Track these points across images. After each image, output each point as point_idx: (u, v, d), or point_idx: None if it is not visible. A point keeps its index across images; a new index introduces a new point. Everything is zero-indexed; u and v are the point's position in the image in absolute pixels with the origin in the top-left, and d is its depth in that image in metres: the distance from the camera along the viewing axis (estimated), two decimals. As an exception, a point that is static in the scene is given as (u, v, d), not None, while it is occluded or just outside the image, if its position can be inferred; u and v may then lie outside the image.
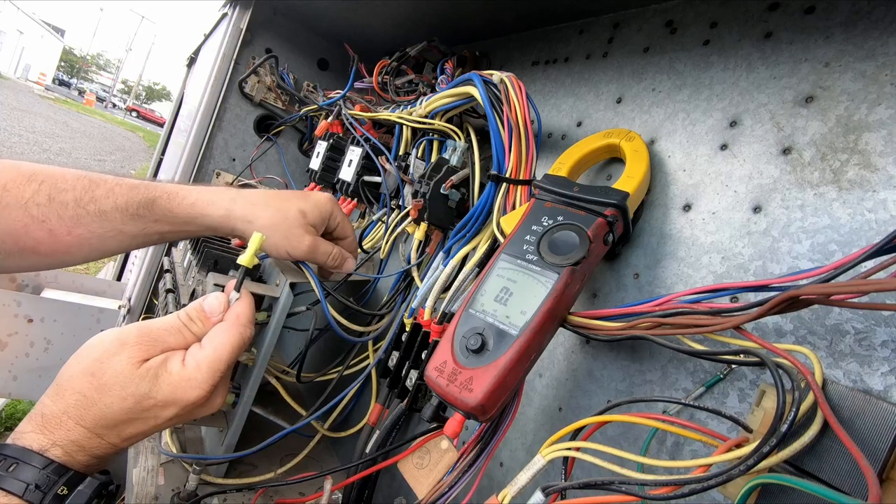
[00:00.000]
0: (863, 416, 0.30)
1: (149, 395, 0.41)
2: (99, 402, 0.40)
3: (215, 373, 0.43)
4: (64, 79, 39.50)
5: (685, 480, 0.30)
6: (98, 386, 0.40)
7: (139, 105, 37.61)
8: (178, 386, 0.42)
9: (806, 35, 0.43)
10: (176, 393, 0.42)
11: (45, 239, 0.51)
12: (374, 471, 0.66)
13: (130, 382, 0.40)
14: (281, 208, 0.60)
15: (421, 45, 0.85)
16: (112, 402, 0.40)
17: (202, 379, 0.43)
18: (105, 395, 0.40)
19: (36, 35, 30.29)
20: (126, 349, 0.41)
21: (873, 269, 0.29)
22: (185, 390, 0.42)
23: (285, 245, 0.60)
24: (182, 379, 0.42)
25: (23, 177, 0.51)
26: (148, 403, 0.41)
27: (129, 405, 0.40)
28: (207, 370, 0.43)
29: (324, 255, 0.63)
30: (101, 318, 1.41)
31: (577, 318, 0.43)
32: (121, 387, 0.40)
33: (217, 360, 0.44)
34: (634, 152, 0.50)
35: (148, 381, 0.41)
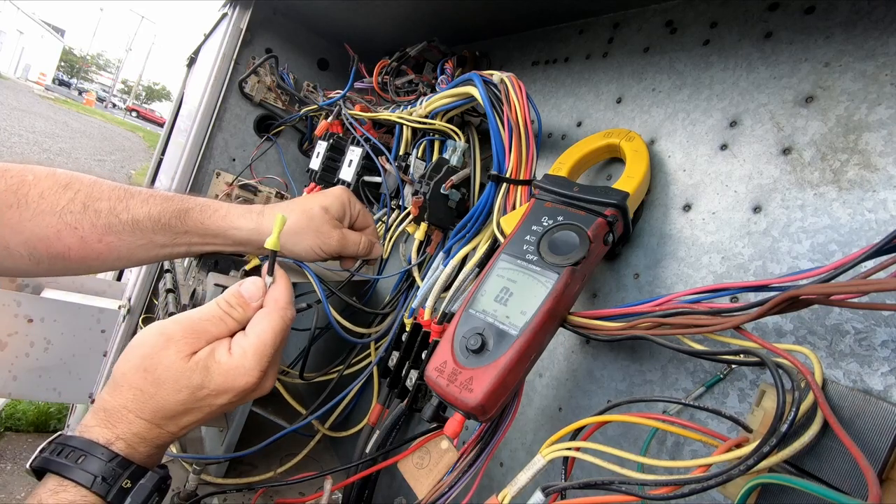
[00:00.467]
0: (863, 416, 0.30)
1: (202, 385, 0.42)
2: (155, 395, 0.41)
3: (262, 358, 0.44)
4: (64, 79, 39.50)
5: (685, 480, 0.30)
6: (153, 380, 0.41)
7: (139, 105, 37.61)
8: (228, 374, 0.43)
9: (806, 35, 0.43)
10: (227, 381, 0.43)
11: (76, 245, 0.52)
12: (374, 471, 0.66)
13: (182, 376, 0.42)
14: (305, 210, 0.62)
15: (421, 45, 0.85)
16: (168, 395, 0.41)
17: (250, 366, 0.44)
18: (160, 388, 0.41)
19: (36, 35, 30.29)
20: (173, 344, 0.42)
21: (873, 269, 0.29)
22: (235, 378, 0.43)
23: (318, 243, 0.61)
24: (231, 367, 0.43)
25: (59, 185, 0.52)
26: (202, 394, 0.42)
27: (183, 397, 0.42)
28: (254, 356, 0.44)
29: (354, 245, 0.64)
30: (101, 318, 1.41)
31: (577, 318, 0.43)
32: (174, 380, 0.41)
33: (262, 345, 0.45)
34: (634, 152, 0.50)
35: (199, 373, 0.42)
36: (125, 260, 0.56)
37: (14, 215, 0.50)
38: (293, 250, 0.61)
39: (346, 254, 0.65)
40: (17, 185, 0.50)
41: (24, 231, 0.50)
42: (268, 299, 0.48)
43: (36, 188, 0.51)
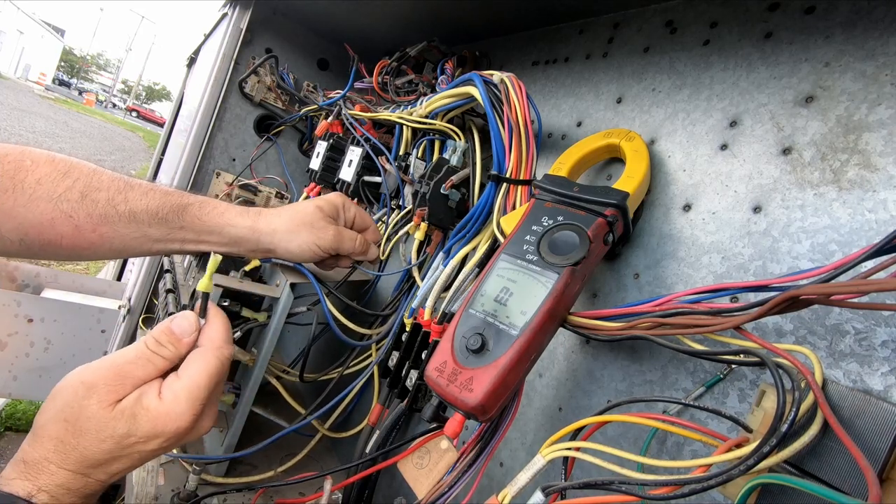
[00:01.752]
0: (863, 416, 0.30)
1: (128, 434, 0.39)
2: (77, 446, 0.39)
3: (195, 401, 0.42)
4: (64, 79, 39.48)
5: (685, 480, 0.30)
6: (74, 431, 0.39)
7: (139, 105, 37.60)
8: (157, 421, 0.40)
9: (806, 35, 0.43)
10: (157, 428, 0.40)
11: (69, 234, 0.52)
12: (374, 471, 0.66)
13: (106, 426, 0.39)
14: (298, 210, 0.63)
15: (421, 45, 0.85)
16: (91, 445, 0.39)
17: (182, 410, 0.41)
18: (82, 439, 0.39)
19: (36, 35, 30.28)
20: (94, 392, 0.39)
21: (873, 269, 0.29)
22: (165, 424, 0.40)
23: (313, 239, 0.62)
24: (161, 413, 0.40)
25: (58, 172, 0.51)
26: (129, 441, 0.40)
27: (108, 446, 0.39)
28: (187, 400, 0.41)
29: (350, 241, 0.65)
30: (101, 318, 1.41)
31: (577, 318, 0.43)
32: (96, 431, 0.39)
33: (195, 387, 0.42)
34: (634, 152, 0.50)
35: (125, 422, 0.39)
36: (117, 252, 0.56)
37: (8, 200, 0.49)
38: (288, 248, 0.61)
39: (342, 250, 0.65)
40: (13, 169, 0.49)
41: (17, 217, 0.49)
42: (202, 338, 0.45)
43: (34, 174, 0.50)
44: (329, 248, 0.63)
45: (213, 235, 0.59)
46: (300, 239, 0.61)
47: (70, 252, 0.53)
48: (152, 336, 0.44)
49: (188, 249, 0.60)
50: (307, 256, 0.63)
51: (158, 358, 0.43)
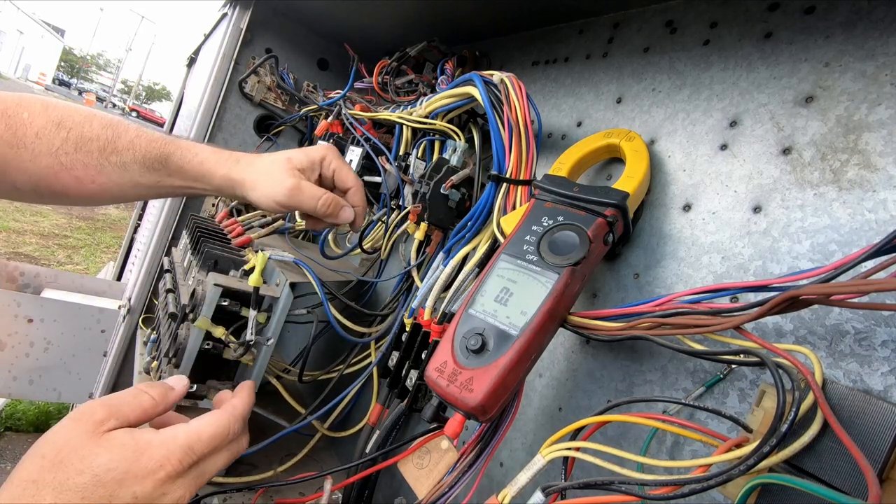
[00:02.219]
0: (863, 416, 0.30)
1: (108, 467, 0.36)
2: (52, 482, 0.34)
3: (190, 450, 0.39)
4: (64, 79, 39.47)
5: (685, 480, 0.30)
6: (51, 465, 0.35)
7: (139, 105, 37.61)
8: (144, 452, 0.37)
9: (806, 35, 0.43)
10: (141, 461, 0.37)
11: (73, 184, 0.55)
12: (374, 471, 0.66)
13: (88, 454, 0.36)
14: (272, 160, 0.60)
15: (421, 45, 0.85)
16: (66, 479, 0.35)
17: (174, 448, 0.38)
18: (58, 473, 0.35)
19: (36, 35, 30.28)
20: (81, 423, 0.37)
21: (873, 269, 0.29)
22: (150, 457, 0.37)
23: (270, 191, 0.58)
24: (151, 444, 0.38)
25: (52, 123, 0.53)
26: (108, 478, 0.36)
27: (84, 481, 0.35)
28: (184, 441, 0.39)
29: (311, 199, 0.58)
30: (101, 319, 1.41)
31: (578, 318, 0.43)
32: (78, 459, 0.35)
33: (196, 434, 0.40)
34: (634, 152, 0.50)
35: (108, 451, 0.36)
36: (118, 198, 0.59)
37: (16, 156, 0.51)
38: (250, 196, 0.59)
39: (302, 207, 0.59)
40: (16, 125, 0.51)
41: (27, 171, 0.52)
42: (227, 403, 0.45)
43: (32, 127, 0.52)
44: (285, 203, 0.58)
45: (199, 182, 0.60)
46: (261, 189, 0.58)
47: (77, 199, 0.57)
48: (144, 386, 0.43)
49: (182, 193, 0.62)
50: (267, 207, 0.60)
51: (145, 395, 0.41)
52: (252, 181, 0.59)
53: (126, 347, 1.17)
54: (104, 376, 1.22)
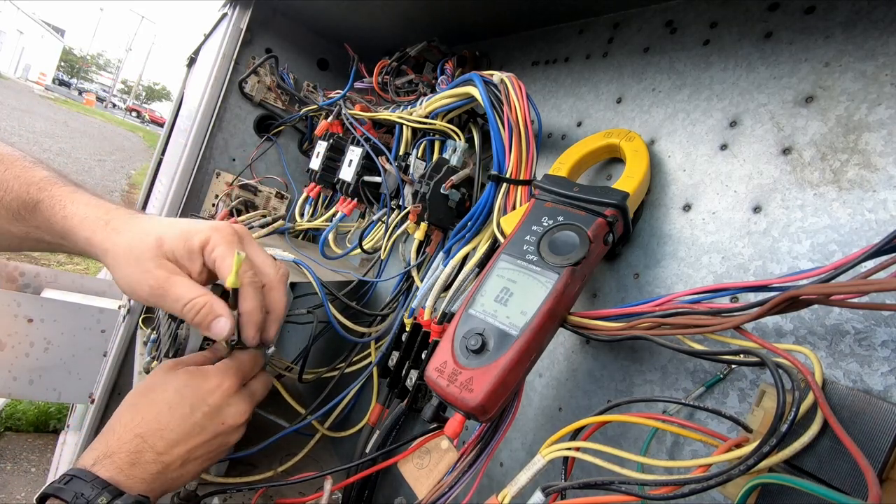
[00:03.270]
0: (863, 416, 0.30)
1: (186, 383, 0.49)
2: (147, 400, 0.48)
3: (239, 369, 0.52)
4: (64, 79, 39.47)
5: (685, 480, 0.30)
6: (146, 390, 0.49)
7: (139, 105, 37.60)
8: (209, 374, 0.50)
9: (806, 35, 0.43)
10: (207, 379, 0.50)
11: None
12: (374, 471, 0.66)
13: (171, 376, 0.49)
14: (142, 231, 0.48)
15: (421, 45, 0.85)
16: (157, 396, 0.48)
17: (227, 370, 0.51)
18: (152, 392, 0.48)
19: (36, 35, 30.28)
20: (164, 364, 0.51)
21: (873, 269, 0.29)
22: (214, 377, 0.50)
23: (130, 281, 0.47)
24: (213, 370, 0.51)
25: None
26: (186, 390, 0.48)
27: (170, 394, 0.48)
28: (232, 364, 0.52)
29: (175, 301, 0.46)
30: (101, 319, 1.41)
31: (578, 318, 0.43)
32: (163, 381, 0.49)
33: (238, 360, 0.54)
34: (634, 152, 0.50)
35: (184, 374, 0.50)
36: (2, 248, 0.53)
37: None
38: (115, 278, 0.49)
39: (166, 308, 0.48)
40: None
41: None
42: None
43: None
44: (147, 301, 0.48)
45: (65, 240, 0.50)
46: (121, 274, 0.48)
47: None
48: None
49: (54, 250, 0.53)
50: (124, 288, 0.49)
51: (201, 355, 0.54)
52: (114, 258, 0.47)
53: (126, 347, 1.17)
54: (104, 376, 1.21)
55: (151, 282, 0.46)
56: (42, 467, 2.60)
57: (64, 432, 2.03)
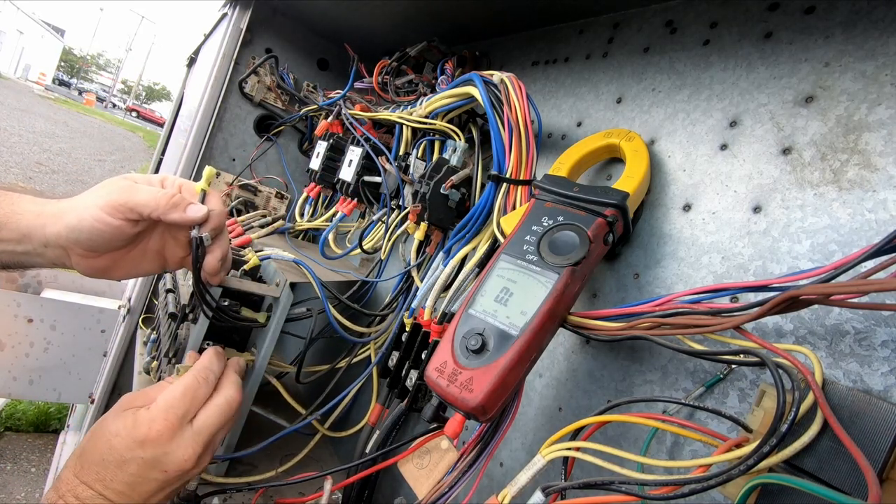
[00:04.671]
0: (863, 416, 0.30)
1: (116, 433, 0.44)
2: (90, 448, 0.45)
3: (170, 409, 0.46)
4: (64, 79, 39.45)
5: (685, 480, 0.30)
6: (91, 436, 0.45)
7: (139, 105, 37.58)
8: (138, 423, 0.45)
9: (806, 35, 0.43)
10: (136, 429, 0.45)
11: None
12: (374, 471, 0.66)
13: (108, 424, 0.45)
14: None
15: (421, 45, 0.85)
16: (96, 445, 0.44)
17: (157, 415, 0.46)
18: (93, 440, 0.45)
19: (36, 35, 30.28)
20: (114, 407, 0.47)
21: (873, 269, 0.29)
22: (143, 425, 0.45)
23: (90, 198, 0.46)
24: (143, 418, 0.45)
25: None
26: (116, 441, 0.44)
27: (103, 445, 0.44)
28: (163, 406, 0.46)
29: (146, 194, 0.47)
30: (101, 319, 1.41)
31: (578, 318, 0.43)
32: (102, 429, 0.45)
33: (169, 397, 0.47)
34: (634, 152, 0.50)
35: (117, 422, 0.45)
36: None
37: None
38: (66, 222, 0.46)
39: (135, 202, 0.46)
40: None
41: None
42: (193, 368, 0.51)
43: None
44: (117, 202, 0.45)
45: (3, 231, 0.47)
46: (81, 201, 0.46)
47: None
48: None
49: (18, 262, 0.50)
50: (86, 228, 0.46)
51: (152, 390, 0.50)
52: (70, 206, 0.47)
53: (126, 347, 1.17)
54: (104, 376, 1.22)
55: (119, 183, 0.47)
56: (42, 467, 2.60)
57: (64, 432, 2.03)
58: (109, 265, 0.51)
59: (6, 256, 0.48)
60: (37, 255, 0.48)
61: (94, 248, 0.48)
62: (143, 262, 0.53)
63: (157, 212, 0.46)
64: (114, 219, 0.46)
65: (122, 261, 0.51)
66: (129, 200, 0.46)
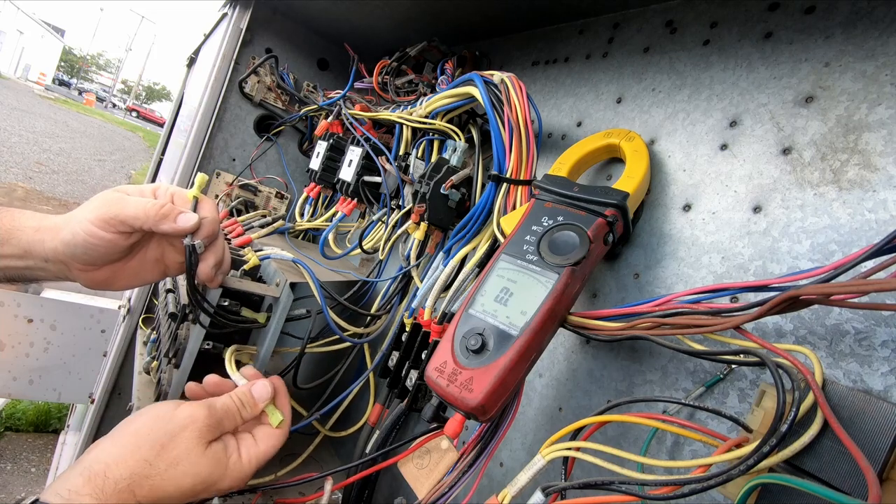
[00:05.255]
0: (863, 416, 0.30)
1: (207, 479, 0.44)
2: (163, 474, 0.42)
3: (257, 468, 0.48)
4: (64, 79, 39.45)
5: (685, 480, 0.30)
6: (165, 458, 0.42)
7: (139, 105, 37.57)
8: (233, 475, 0.46)
9: (806, 35, 0.43)
10: (228, 480, 0.45)
11: None
12: (374, 471, 0.66)
13: (197, 463, 0.43)
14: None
15: (421, 45, 0.85)
16: (174, 477, 0.42)
17: (248, 473, 0.47)
18: (172, 469, 0.42)
19: (36, 35, 30.28)
20: (194, 425, 0.44)
21: (873, 269, 0.29)
22: (234, 478, 0.46)
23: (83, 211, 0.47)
24: (238, 470, 0.46)
25: None
26: (204, 486, 0.44)
27: (189, 483, 0.42)
28: (256, 466, 0.48)
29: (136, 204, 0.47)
30: (101, 319, 1.41)
31: (578, 318, 0.43)
32: (190, 464, 0.43)
33: (264, 458, 0.49)
34: (634, 152, 0.50)
35: (211, 466, 0.44)
36: None
37: None
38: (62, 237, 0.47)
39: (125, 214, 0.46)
40: None
41: None
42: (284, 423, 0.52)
43: None
44: (103, 213, 0.46)
45: (5, 247, 0.48)
46: (77, 214, 0.46)
47: None
48: (238, 396, 0.50)
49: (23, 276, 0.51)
50: (80, 243, 0.46)
51: (239, 416, 0.49)
52: (66, 219, 0.48)
53: (126, 347, 1.17)
54: (104, 376, 1.22)
55: (108, 196, 0.47)
56: (42, 467, 2.60)
57: (64, 432, 2.03)
58: (110, 277, 0.51)
59: (11, 271, 0.49)
60: (39, 269, 0.49)
61: (91, 262, 0.48)
62: (144, 272, 0.53)
63: (147, 223, 0.47)
64: (106, 232, 0.46)
65: (122, 272, 0.51)
66: (118, 214, 0.46)
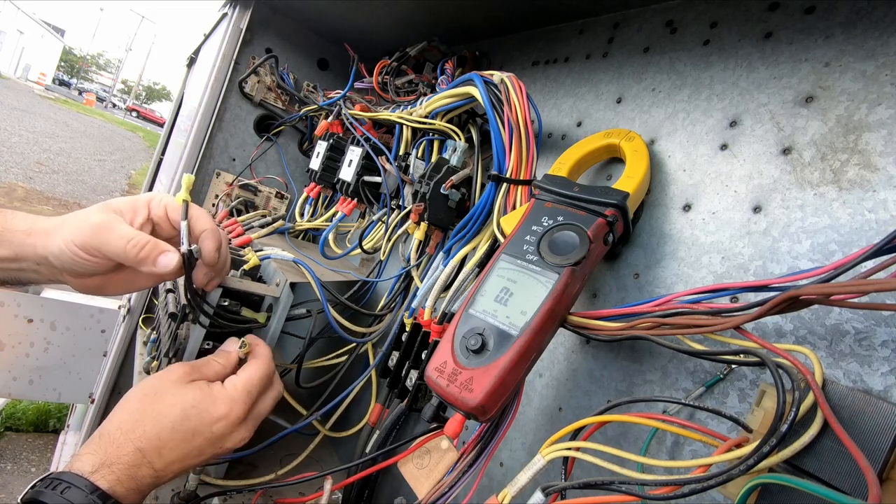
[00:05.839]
0: (863, 416, 0.30)
1: (195, 404, 0.46)
2: (151, 411, 0.45)
3: (249, 394, 0.50)
4: (64, 79, 39.43)
5: (685, 480, 0.30)
6: (151, 399, 0.46)
7: (139, 105, 37.56)
8: (217, 400, 0.48)
9: (806, 35, 0.43)
10: (219, 406, 0.47)
11: None
12: (374, 471, 0.66)
13: (179, 393, 0.46)
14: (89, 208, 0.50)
15: (421, 45, 0.85)
16: (162, 410, 0.45)
17: (238, 397, 0.49)
18: (157, 404, 0.45)
19: (36, 35, 30.27)
20: (172, 373, 0.48)
21: (873, 269, 0.29)
22: (227, 405, 0.48)
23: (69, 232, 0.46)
24: (224, 396, 0.48)
25: None
26: (193, 413, 0.46)
27: (176, 413, 0.45)
28: (243, 390, 0.50)
29: (119, 237, 0.46)
30: (101, 319, 1.41)
31: (578, 318, 0.43)
32: (171, 395, 0.46)
33: (250, 382, 0.50)
34: (634, 152, 0.50)
35: (196, 392, 0.47)
36: None
37: None
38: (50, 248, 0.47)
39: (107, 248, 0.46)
40: None
41: None
42: (256, 350, 0.55)
43: None
44: (86, 243, 0.45)
45: (20, 253, 0.48)
46: (62, 232, 0.46)
47: None
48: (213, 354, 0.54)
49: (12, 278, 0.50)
50: (67, 260, 0.46)
51: (215, 363, 0.52)
52: (57, 226, 0.47)
53: (126, 347, 1.17)
54: (104, 376, 1.22)
55: (94, 220, 0.46)
56: (42, 467, 2.60)
57: (64, 432, 2.03)
58: (102, 284, 0.51)
59: (3, 273, 0.49)
60: (32, 271, 0.50)
61: (81, 275, 0.49)
62: (137, 279, 0.52)
63: (128, 263, 0.47)
64: (91, 256, 0.46)
65: (114, 279, 0.51)
66: (100, 247, 0.46)
